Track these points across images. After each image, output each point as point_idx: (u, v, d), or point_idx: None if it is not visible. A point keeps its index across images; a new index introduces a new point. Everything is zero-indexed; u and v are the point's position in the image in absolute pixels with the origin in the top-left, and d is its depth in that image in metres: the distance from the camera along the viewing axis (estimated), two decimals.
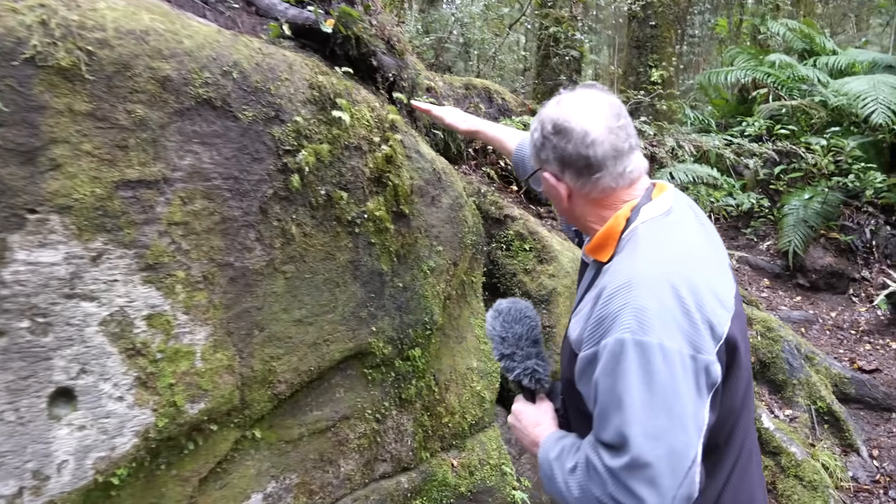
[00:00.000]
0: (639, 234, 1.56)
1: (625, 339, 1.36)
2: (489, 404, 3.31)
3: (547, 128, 1.60)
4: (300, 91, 2.30)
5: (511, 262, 3.62)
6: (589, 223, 1.69)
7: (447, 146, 3.84)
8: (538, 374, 1.76)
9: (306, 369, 2.37)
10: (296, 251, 2.30)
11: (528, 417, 1.76)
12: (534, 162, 1.72)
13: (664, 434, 1.32)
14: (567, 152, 1.58)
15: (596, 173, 1.58)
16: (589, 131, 1.55)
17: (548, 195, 1.76)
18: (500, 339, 1.78)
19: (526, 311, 1.82)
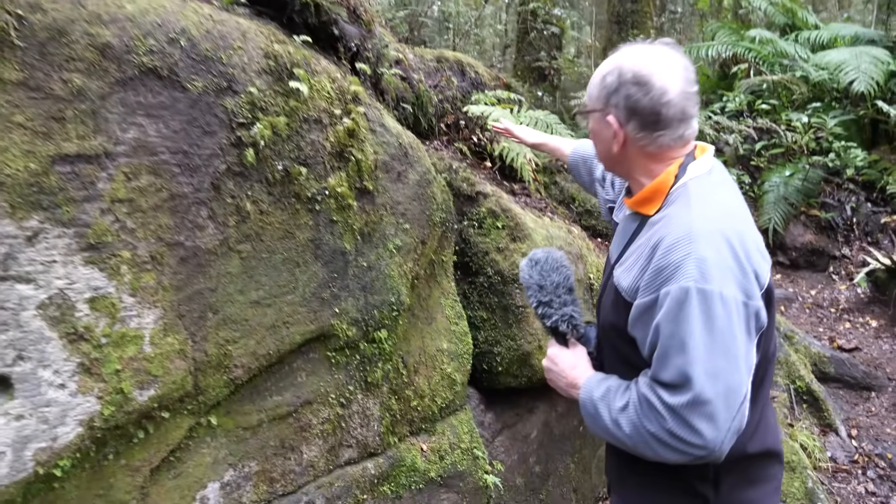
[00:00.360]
0: (690, 190, 1.67)
1: (688, 287, 1.50)
2: (460, 387, 3.26)
3: (626, 75, 1.67)
4: (255, 60, 2.21)
5: (483, 241, 3.56)
6: (635, 174, 1.79)
7: (417, 120, 3.76)
8: (574, 321, 1.87)
9: (265, 353, 2.30)
10: (252, 229, 2.22)
11: (565, 360, 1.88)
12: (595, 103, 1.77)
13: (722, 373, 1.50)
14: (641, 104, 1.66)
15: (660, 131, 1.68)
16: (668, 90, 1.64)
17: (596, 137, 1.83)
18: (538, 288, 1.87)
19: (562, 260, 1.91)
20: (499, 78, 4.89)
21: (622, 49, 1.75)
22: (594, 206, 4.72)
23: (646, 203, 1.76)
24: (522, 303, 3.46)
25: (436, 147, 3.98)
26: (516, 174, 4.23)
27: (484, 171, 4.14)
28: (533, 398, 3.92)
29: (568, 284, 1.89)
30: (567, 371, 1.86)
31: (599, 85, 1.74)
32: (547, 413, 4.05)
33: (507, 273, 3.47)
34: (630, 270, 1.69)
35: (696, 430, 1.50)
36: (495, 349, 3.55)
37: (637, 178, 1.79)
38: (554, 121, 4.30)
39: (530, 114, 4.23)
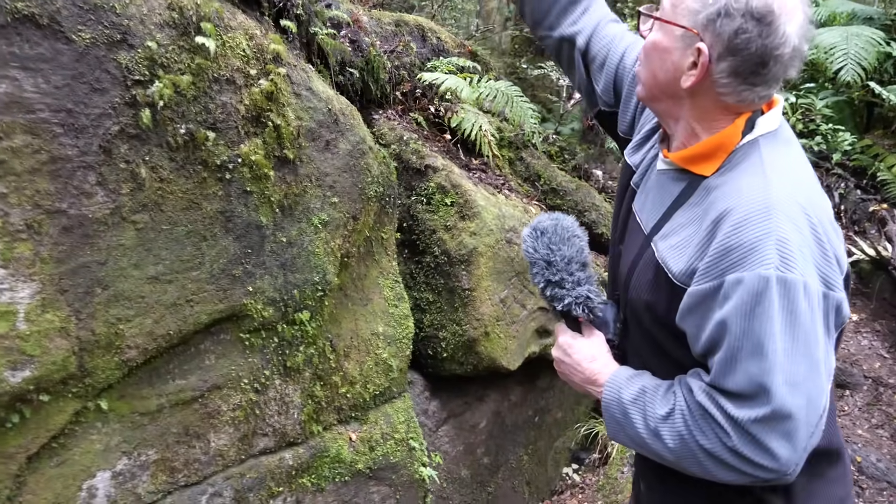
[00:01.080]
0: (762, 150, 1.40)
1: (769, 275, 1.25)
2: (398, 373, 3.15)
3: (751, 4, 1.30)
4: (155, 12, 2.07)
5: (431, 218, 3.44)
6: (691, 121, 1.47)
7: (367, 87, 3.62)
8: (591, 303, 1.57)
9: (164, 333, 2.18)
10: (149, 198, 2.09)
11: (581, 351, 1.58)
12: (683, 16, 1.39)
13: (804, 382, 1.27)
14: (752, 47, 1.32)
15: (752, 85, 1.37)
16: (787, 40, 1.33)
17: (657, 56, 1.46)
18: (546, 264, 1.56)
19: (573, 229, 1.60)
20: (463, 45, 4.74)
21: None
22: (560, 184, 4.60)
23: (702, 160, 1.45)
24: (469, 286, 3.35)
25: (388, 116, 3.84)
26: (477, 147, 4.10)
27: (440, 144, 4.00)
28: (483, 386, 3.83)
29: (582, 258, 1.59)
30: (584, 364, 1.57)
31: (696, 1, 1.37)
32: (498, 402, 3.96)
33: (453, 253, 3.36)
34: (682, 247, 1.41)
35: (768, 449, 1.27)
36: (440, 334, 3.44)
37: (691, 125, 1.47)
38: (515, 92, 4.17)
39: (491, 84, 4.10)
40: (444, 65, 3.99)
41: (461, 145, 4.16)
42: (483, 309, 3.36)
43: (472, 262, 3.34)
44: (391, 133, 3.64)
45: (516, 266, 3.55)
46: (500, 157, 4.22)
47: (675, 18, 1.41)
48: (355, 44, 3.55)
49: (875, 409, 5.27)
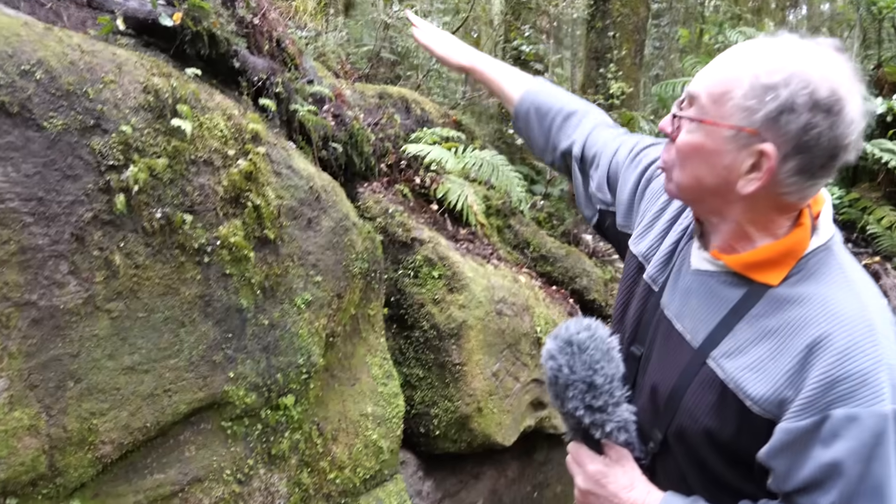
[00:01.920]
0: (839, 258, 1.27)
1: (887, 412, 1.12)
2: (388, 454, 3.05)
3: (819, 94, 1.16)
4: (130, 95, 2.04)
5: (419, 292, 3.39)
6: (748, 224, 1.30)
7: (351, 161, 3.60)
8: (631, 426, 1.39)
9: (140, 426, 2.09)
10: (124, 286, 2.03)
11: (618, 481, 1.37)
12: (735, 116, 1.22)
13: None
14: (823, 141, 1.17)
15: (821, 178, 1.22)
16: (854, 127, 1.18)
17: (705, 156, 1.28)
18: (587, 387, 1.33)
19: (611, 341, 1.38)
20: (448, 115, 4.77)
21: (787, 44, 1.23)
22: (550, 251, 4.57)
23: (767, 268, 1.27)
24: (460, 360, 3.28)
25: (374, 189, 3.83)
26: (464, 217, 4.08)
27: (427, 215, 3.98)
28: (479, 463, 3.72)
29: (621, 374, 1.37)
30: (622, 494, 1.36)
31: (760, 92, 1.19)
32: (495, 479, 3.85)
33: (443, 327, 3.30)
34: (761, 370, 1.23)
35: None
36: (432, 411, 3.35)
37: (747, 229, 1.30)
38: (500, 161, 4.17)
39: (476, 153, 4.10)
40: (428, 136, 3.99)
41: (448, 215, 4.14)
42: (475, 384, 3.28)
43: (461, 336, 3.28)
44: (376, 206, 3.62)
45: (507, 338, 3.49)
46: (487, 226, 4.20)
47: (721, 118, 1.24)
48: (338, 118, 3.54)
49: None
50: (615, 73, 9.24)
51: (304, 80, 3.19)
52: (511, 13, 9.35)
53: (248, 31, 2.76)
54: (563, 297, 4.41)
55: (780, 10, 19.45)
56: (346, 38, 7.36)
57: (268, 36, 3.09)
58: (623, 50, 9.89)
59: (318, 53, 5.16)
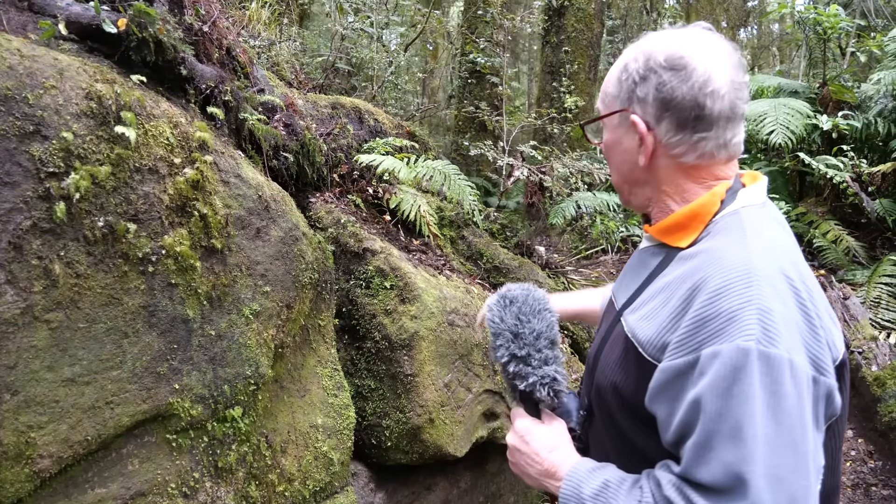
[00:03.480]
0: (743, 220, 1.32)
1: (748, 348, 1.11)
2: (339, 466, 3.02)
3: (657, 59, 1.35)
4: (72, 102, 2.00)
5: (371, 302, 3.37)
6: (663, 197, 1.43)
7: (302, 170, 3.58)
8: (558, 385, 1.44)
9: (81, 439, 2.04)
10: (65, 295, 1.99)
11: (541, 439, 1.43)
12: (612, 103, 1.45)
13: (787, 476, 1.09)
14: (678, 94, 1.32)
15: (702, 132, 1.34)
16: (712, 77, 1.32)
17: (614, 152, 1.49)
18: (513, 336, 1.44)
19: (544, 302, 1.50)
20: (401, 126, 4.77)
21: (646, 35, 1.44)
22: (503, 262, 4.59)
23: (676, 231, 1.39)
24: (412, 371, 3.27)
25: (325, 199, 3.80)
26: (417, 228, 4.08)
27: (380, 226, 3.97)
28: (431, 474, 3.70)
29: (551, 335, 1.46)
30: (543, 454, 1.41)
31: (618, 78, 1.42)
32: (447, 490, 3.83)
33: (394, 338, 3.28)
34: (652, 317, 1.31)
35: None
36: (384, 422, 3.33)
37: (665, 201, 1.43)
38: (453, 171, 4.18)
39: (428, 163, 4.10)
40: (381, 146, 3.98)
41: (401, 226, 4.13)
42: (427, 395, 3.27)
43: (413, 347, 3.27)
44: (328, 216, 3.59)
45: (459, 349, 3.48)
46: (440, 237, 4.20)
47: (606, 110, 1.47)
48: (290, 128, 3.52)
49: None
50: (569, 87, 9.35)
51: (255, 89, 3.17)
52: (467, 26, 9.42)
53: (198, 39, 2.73)
54: None
55: (731, 29, 19.89)
56: (302, 49, 7.34)
57: (218, 44, 3.06)
58: (576, 65, 10.03)
59: (271, 63, 5.13)
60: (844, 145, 8.18)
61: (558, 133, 8.27)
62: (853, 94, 8.85)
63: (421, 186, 4.43)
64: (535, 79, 16.57)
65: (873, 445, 5.54)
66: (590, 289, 2.17)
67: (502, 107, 7.38)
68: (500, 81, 8.24)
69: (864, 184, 7.92)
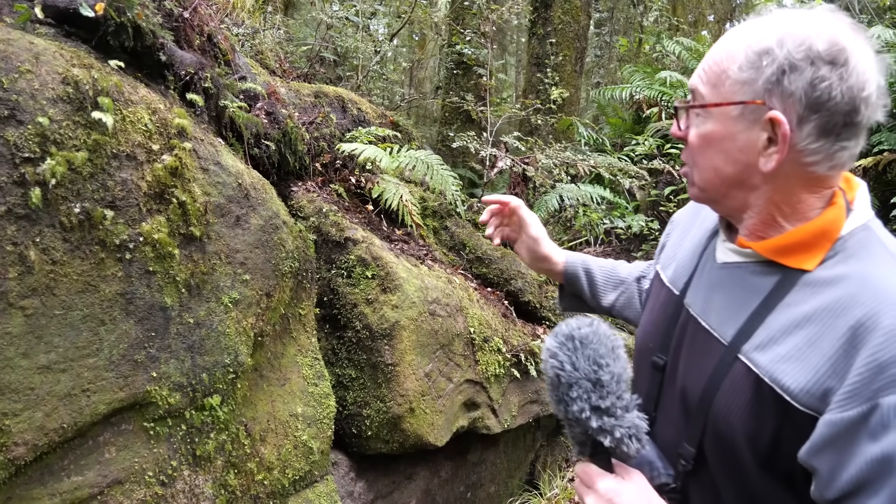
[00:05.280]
0: (881, 236, 1.17)
1: None
2: (319, 455, 3.02)
3: (816, 47, 1.10)
4: (48, 86, 1.98)
5: (352, 292, 3.36)
6: (772, 207, 1.21)
7: (284, 159, 3.56)
8: (642, 434, 1.22)
9: (56, 427, 2.03)
10: (40, 282, 1.97)
11: (632, 498, 1.21)
12: (736, 91, 1.17)
13: None
14: (835, 94, 1.09)
15: (845, 140, 1.13)
16: (869, 78, 1.11)
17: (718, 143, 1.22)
18: (592, 384, 1.19)
19: (616, 339, 1.25)
20: (385, 115, 4.75)
21: (774, 14, 1.18)
22: (485, 252, 4.58)
23: (799, 251, 1.18)
24: (392, 361, 3.26)
25: (308, 188, 3.79)
26: (400, 217, 4.07)
27: (362, 215, 3.95)
28: (411, 463, 3.71)
29: (629, 377, 1.23)
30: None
31: (755, 62, 1.15)
32: (428, 479, 3.84)
33: (375, 327, 3.28)
34: (799, 359, 1.12)
35: None
36: (364, 411, 3.33)
37: (772, 212, 1.22)
38: (436, 161, 4.17)
39: (410, 153, 4.09)
40: (363, 135, 3.97)
41: (384, 215, 4.12)
42: (407, 384, 3.27)
43: (394, 337, 3.26)
44: (310, 205, 3.58)
45: (441, 339, 3.48)
46: (423, 227, 4.19)
47: (724, 99, 1.20)
48: (272, 116, 3.50)
49: None
50: (554, 79, 9.34)
51: (236, 77, 3.15)
52: (454, 17, 9.38)
53: (178, 25, 2.71)
54: (498, 298, 4.43)
55: (717, 23, 19.93)
56: (286, 37, 7.29)
57: (198, 30, 3.03)
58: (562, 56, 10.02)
59: (255, 51, 5.09)
60: None
61: (543, 124, 8.27)
62: None
63: (404, 176, 4.42)
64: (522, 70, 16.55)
65: None
66: None
67: (487, 97, 7.36)
68: (485, 73, 8.21)
69: None
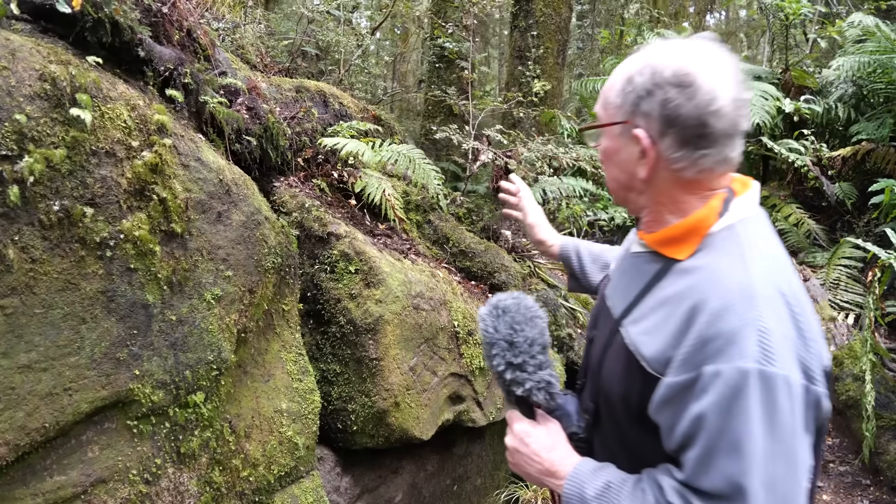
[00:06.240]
0: (739, 234, 1.37)
1: (748, 369, 1.19)
2: (304, 451, 3.01)
3: (663, 74, 1.34)
4: (25, 83, 1.96)
5: (336, 287, 3.35)
6: (660, 208, 1.46)
7: (266, 154, 3.54)
8: (553, 388, 1.52)
9: (38, 426, 2.01)
10: (19, 281, 1.95)
11: (540, 440, 1.51)
12: (614, 113, 1.44)
13: (781, 482, 1.20)
14: (683, 111, 1.33)
15: (704, 149, 1.35)
16: (718, 95, 1.31)
17: (613, 160, 1.50)
18: (508, 345, 1.49)
19: (535, 310, 1.54)
20: (367, 109, 4.73)
21: (651, 45, 1.44)
22: (469, 246, 4.59)
23: (674, 244, 1.42)
24: (377, 355, 3.26)
25: (290, 184, 3.77)
26: (383, 212, 4.06)
27: (345, 210, 3.94)
28: (398, 458, 3.71)
29: (543, 341, 1.53)
30: (542, 454, 1.49)
31: (623, 89, 1.42)
32: (414, 473, 3.84)
33: (359, 322, 3.27)
34: (655, 333, 1.37)
35: None
36: (349, 406, 3.33)
37: (660, 211, 1.47)
38: (418, 155, 4.16)
39: (393, 147, 4.08)
40: (345, 129, 3.95)
41: (367, 210, 4.11)
42: (392, 378, 3.27)
43: (378, 331, 3.26)
44: (292, 200, 3.57)
45: (425, 332, 3.48)
46: (406, 221, 4.19)
47: (607, 119, 1.47)
48: (253, 111, 3.48)
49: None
50: (536, 72, 9.34)
51: (216, 72, 3.12)
52: (436, 10, 9.36)
53: (156, 20, 2.68)
54: (482, 291, 4.44)
55: (698, 15, 20.00)
56: (268, 32, 7.24)
57: (178, 25, 3.00)
58: (544, 49, 10.01)
59: (235, 46, 5.06)
60: (805, 129, 8.29)
61: (525, 117, 8.27)
62: (814, 79, 8.96)
63: (386, 170, 4.41)
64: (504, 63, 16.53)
65: (831, 423, 5.65)
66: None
67: (469, 91, 7.35)
68: (467, 66, 8.20)
69: (825, 168, 8.04)
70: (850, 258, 7.01)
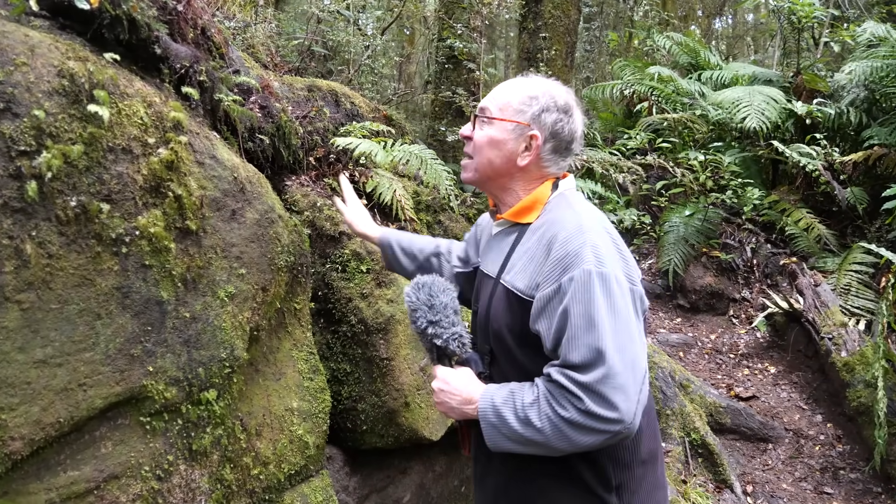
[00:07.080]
0: (568, 198, 1.97)
1: (590, 269, 1.70)
2: (314, 450, 3.02)
3: (558, 101, 1.97)
4: (44, 79, 1.97)
5: (347, 286, 3.36)
6: (516, 188, 2.02)
7: (278, 153, 3.55)
8: (464, 339, 1.97)
9: (53, 421, 2.02)
10: (36, 276, 1.96)
11: (458, 379, 1.94)
12: (515, 115, 1.97)
13: (627, 347, 1.66)
14: (565, 130, 1.97)
15: (564, 157, 2.01)
16: (580, 125, 2.02)
17: (494, 146, 1.99)
18: (428, 307, 1.95)
19: (447, 284, 2.02)
20: (378, 110, 4.74)
21: (538, 78, 2.03)
22: None
23: (525, 212, 1.98)
24: (387, 355, 3.27)
25: (301, 182, 3.78)
26: (394, 212, 4.06)
27: None
28: (406, 458, 3.72)
29: (455, 306, 1.99)
30: (461, 387, 1.91)
31: (527, 101, 1.96)
32: (422, 474, 3.85)
33: (370, 322, 3.28)
34: (524, 271, 1.86)
35: (611, 403, 1.61)
36: (359, 406, 3.34)
37: (516, 191, 2.02)
38: (429, 155, 4.17)
39: (405, 147, 4.09)
40: (357, 129, 3.96)
41: (378, 210, 4.12)
42: (402, 378, 3.28)
43: (389, 331, 3.27)
44: (304, 199, 3.58)
45: None
46: (417, 222, 4.19)
47: (507, 117, 1.99)
48: (265, 110, 3.49)
49: (798, 461, 5.34)
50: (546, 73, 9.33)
51: (230, 71, 3.14)
52: (444, 11, 9.36)
53: (172, 18, 2.69)
54: None
55: (707, 18, 19.97)
56: (277, 31, 7.26)
57: (192, 24, 3.01)
58: (553, 51, 10.01)
59: (246, 45, 5.08)
60: (817, 134, 8.27)
61: None
62: (826, 83, 8.93)
63: (397, 170, 4.41)
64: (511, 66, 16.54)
65: (842, 430, 5.64)
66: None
67: (479, 92, 7.36)
68: (476, 67, 8.20)
69: (836, 172, 8.02)
70: (861, 263, 6.98)
